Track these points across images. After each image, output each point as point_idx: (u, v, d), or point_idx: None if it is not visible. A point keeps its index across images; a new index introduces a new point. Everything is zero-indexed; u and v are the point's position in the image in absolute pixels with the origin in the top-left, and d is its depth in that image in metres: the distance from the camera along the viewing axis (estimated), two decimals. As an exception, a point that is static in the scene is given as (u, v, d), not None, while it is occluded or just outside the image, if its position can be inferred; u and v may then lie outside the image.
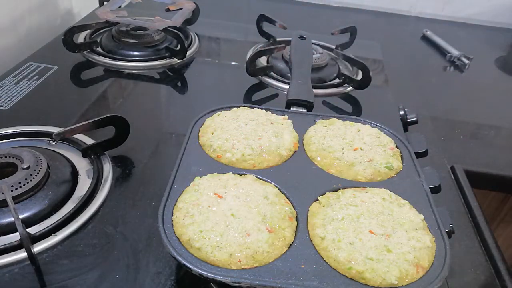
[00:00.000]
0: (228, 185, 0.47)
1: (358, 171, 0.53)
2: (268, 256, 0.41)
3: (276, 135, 0.56)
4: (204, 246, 0.41)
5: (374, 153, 0.55)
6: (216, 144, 0.55)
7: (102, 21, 0.92)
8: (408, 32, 1.29)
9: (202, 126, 0.60)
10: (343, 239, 0.42)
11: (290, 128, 0.59)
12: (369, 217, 0.45)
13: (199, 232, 0.42)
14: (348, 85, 0.87)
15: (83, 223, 0.51)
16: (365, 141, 0.57)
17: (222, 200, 0.45)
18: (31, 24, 0.98)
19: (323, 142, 0.57)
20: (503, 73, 1.15)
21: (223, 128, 0.57)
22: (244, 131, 0.56)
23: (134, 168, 0.62)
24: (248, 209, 0.44)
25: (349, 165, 0.54)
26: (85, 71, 0.86)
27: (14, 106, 0.72)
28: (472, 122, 0.89)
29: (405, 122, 0.77)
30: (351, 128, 0.60)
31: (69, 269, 0.46)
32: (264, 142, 0.55)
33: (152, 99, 0.83)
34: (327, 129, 0.59)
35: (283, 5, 1.34)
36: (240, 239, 0.41)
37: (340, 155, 0.55)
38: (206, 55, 0.98)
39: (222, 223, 0.42)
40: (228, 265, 0.40)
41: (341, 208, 0.46)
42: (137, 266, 0.47)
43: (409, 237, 0.43)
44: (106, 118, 0.59)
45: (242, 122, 0.58)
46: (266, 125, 0.58)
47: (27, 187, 0.51)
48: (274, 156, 0.54)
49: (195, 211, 0.44)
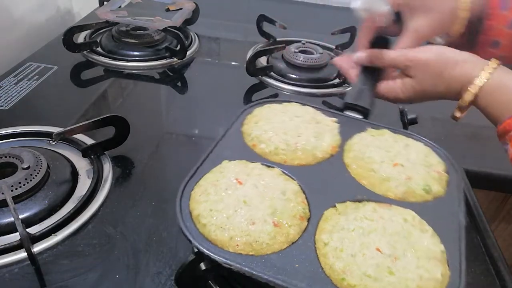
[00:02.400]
0: (251, 174, 0.47)
1: (390, 187, 0.49)
2: (267, 248, 0.41)
3: (317, 135, 0.54)
4: (209, 224, 0.42)
5: (415, 172, 0.50)
6: (254, 133, 0.54)
7: (102, 21, 0.92)
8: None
9: (250, 114, 0.59)
10: (345, 250, 0.41)
11: (334, 131, 0.57)
12: (381, 234, 0.42)
13: (209, 210, 0.43)
14: (348, 85, 0.87)
15: (83, 223, 0.51)
16: (409, 158, 0.52)
17: (240, 186, 0.45)
18: (31, 24, 0.98)
19: (365, 151, 0.53)
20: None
21: (267, 120, 0.56)
22: (286, 126, 0.55)
23: (134, 168, 0.62)
24: (262, 199, 0.44)
25: (383, 179, 0.50)
26: (85, 71, 0.86)
27: (14, 106, 0.72)
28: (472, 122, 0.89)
29: (405, 122, 0.77)
30: (400, 142, 0.55)
31: (69, 269, 0.46)
32: (302, 140, 0.53)
33: (152, 99, 0.83)
34: (374, 139, 0.55)
35: (283, 5, 1.34)
36: (244, 226, 0.41)
37: (377, 167, 0.51)
38: (206, 55, 0.98)
39: (232, 207, 0.43)
40: (226, 247, 0.41)
41: (356, 219, 0.44)
42: (137, 266, 0.47)
43: (418, 265, 0.40)
44: (106, 118, 0.60)
45: (287, 117, 0.57)
46: (310, 123, 0.56)
47: (27, 187, 0.51)
48: (308, 155, 0.53)
49: (212, 190, 0.45)
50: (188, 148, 0.70)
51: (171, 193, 0.58)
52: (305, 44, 0.93)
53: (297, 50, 0.90)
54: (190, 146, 0.70)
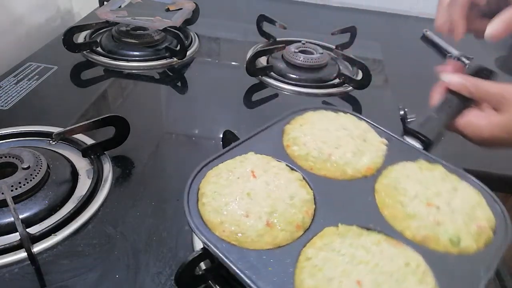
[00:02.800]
0: (269, 171, 0.47)
1: (411, 226, 0.43)
2: (250, 243, 0.41)
3: (356, 152, 0.50)
4: (208, 203, 0.43)
5: (449, 219, 0.42)
6: (293, 134, 0.53)
7: (102, 21, 0.92)
8: (408, 32, 1.29)
9: (299, 116, 0.57)
10: (324, 271, 0.37)
11: (378, 153, 0.52)
12: (371, 269, 0.37)
13: (213, 192, 0.44)
14: (348, 85, 0.87)
15: (83, 223, 0.51)
16: (451, 202, 0.44)
17: (252, 179, 0.45)
18: (31, 24, 0.98)
19: (401, 181, 0.47)
20: (503, 73, 1.15)
21: (312, 124, 0.54)
22: (328, 135, 0.52)
23: (134, 168, 0.62)
24: (266, 197, 0.44)
25: (407, 215, 0.43)
26: (85, 71, 0.86)
27: (14, 106, 0.72)
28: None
29: (405, 122, 0.77)
30: (448, 183, 0.47)
31: (69, 269, 0.46)
32: (337, 152, 0.50)
33: (152, 99, 0.83)
34: (419, 171, 0.48)
35: (283, 5, 1.34)
36: (237, 215, 0.42)
37: (406, 201, 0.44)
38: (206, 55, 0.98)
39: (235, 195, 0.44)
40: (214, 229, 0.41)
41: (351, 246, 0.40)
42: (137, 266, 0.47)
43: None
44: (106, 118, 0.60)
45: (334, 127, 0.54)
46: (356, 139, 0.52)
47: (27, 187, 0.51)
48: (337, 169, 0.49)
49: (225, 175, 0.46)
50: (188, 148, 0.70)
51: (171, 193, 0.58)
52: (305, 44, 0.93)
53: (297, 50, 0.90)
54: (190, 146, 0.70)
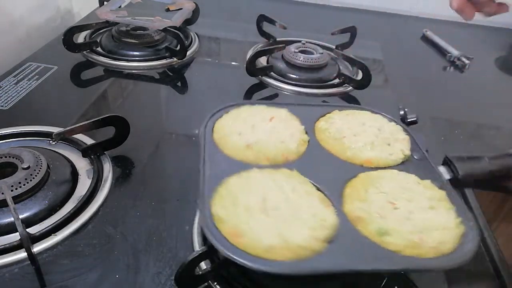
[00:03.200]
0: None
1: (355, 206, 0.47)
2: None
3: (368, 145, 0.55)
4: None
5: (396, 220, 0.45)
6: (337, 120, 0.59)
7: (102, 21, 0.92)
8: (408, 32, 1.29)
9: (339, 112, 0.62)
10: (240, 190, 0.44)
11: (389, 156, 0.54)
12: (280, 196, 0.45)
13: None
14: (348, 85, 0.87)
15: (83, 223, 0.51)
16: (415, 213, 0.45)
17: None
18: (31, 24, 0.98)
19: (385, 177, 0.50)
20: (503, 73, 1.15)
21: (354, 116, 0.60)
22: (359, 127, 0.57)
23: (134, 168, 0.62)
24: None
25: (362, 199, 0.47)
26: (85, 71, 0.86)
27: (14, 106, 0.72)
28: (472, 122, 0.89)
29: (405, 122, 0.77)
30: (431, 202, 0.47)
31: (69, 269, 0.46)
32: (352, 138, 0.56)
33: (152, 99, 0.83)
34: (412, 183, 0.50)
35: (283, 5, 1.34)
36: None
37: (374, 191, 0.48)
38: (206, 55, 0.98)
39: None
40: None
41: (275, 181, 0.47)
42: (137, 266, 0.47)
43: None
44: (106, 118, 0.60)
45: (370, 123, 0.59)
46: (380, 139, 0.56)
47: (27, 187, 0.51)
48: (339, 147, 0.56)
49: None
50: (188, 148, 0.70)
51: (171, 193, 0.58)
52: (305, 44, 0.93)
53: (297, 50, 0.90)
54: (190, 146, 0.70)
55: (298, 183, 0.47)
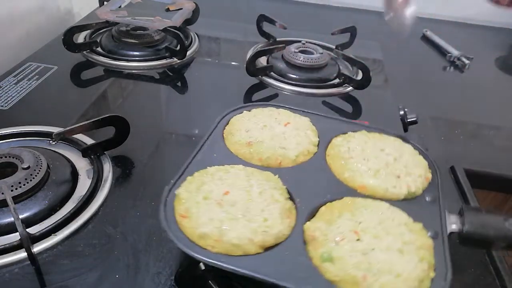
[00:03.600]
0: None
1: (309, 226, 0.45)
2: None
3: (372, 171, 0.51)
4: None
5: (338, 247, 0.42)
6: (346, 146, 0.55)
7: (102, 21, 0.92)
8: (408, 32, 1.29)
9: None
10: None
11: (390, 188, 0.50)
12: (237, 186, 0.47)
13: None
14: (348, 85, 0.87)
15: (83, 223, 0.51)
16: (379, 244, 0.42)
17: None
18: (31, 24, 0.98)
19: (362, 211, 0.46)
20: (503, 73, 1.15)
21: (375, 141, 0.57)
22: (375, 151, 0.54)
23: (134, 168, 0.62)
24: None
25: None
26: (85, 71, 0.86)
27: (14, 106, 0.72)
28: (472, 122, 0.89)
29: (405, 122, 0.77)
30: (395, 237, 0.43)
31: (69, 269, 0.46)
32: (361, 161, 0.53)
33: (152, 99, 0.83)
34: (387, 217, 0.45)
35: (283, 5, 1.34)
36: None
37: (335, 220, 0.46)
38: (206, 55, 0.98)
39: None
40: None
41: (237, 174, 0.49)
42: (137, 266, 0.47)
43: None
44: (106, 118, 0.59)
45: (388, 151, 0.54)
46: (391, 168, 0.52)
47: (27, 187, 0.51)
48: (340, 166, 0.54)
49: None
50: (188, 148, 0.69)
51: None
52: (305, 44, 0.93)
53: (297, 50, 0.90)
54: (190, 146, 0.70)
55: (270, 188, 0.47)
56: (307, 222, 0.45)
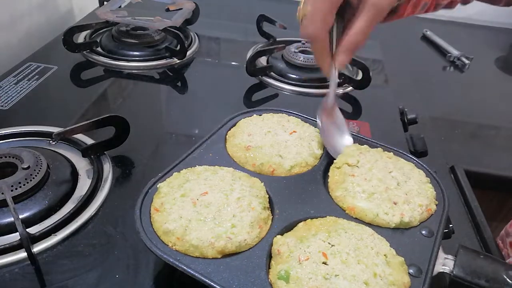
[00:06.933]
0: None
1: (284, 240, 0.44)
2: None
3: (371, 196, 0.48)
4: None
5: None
6: (352, 162, 0.52)
7: (102, 21, 0.92)
8: (408, 32, 1.29)
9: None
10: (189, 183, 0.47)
11: (382, 213, 0.46)
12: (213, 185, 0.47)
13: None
14: (348, 85, 0.87)
15: (83, 223, 0.51)
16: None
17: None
18: (31, 24, 0.98)
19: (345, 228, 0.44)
20: (503, 73, 1.15)
21: (376, 165, 0.52)
22: (380, 176, 0.50)
23: (134, 168, 0.62)
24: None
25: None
26: (85, 71, 0.86)
27: (14, 106, 0.72)
28: (472, 122, 0.89)
29: (405, 122, 0.77)
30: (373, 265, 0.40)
31: (69, 269, 0.46)
32: (370, 189, 0.49)
33: (152, 99, 0.83)
34: (363, 241, 0.42)
35: (283, 5, 1.33)
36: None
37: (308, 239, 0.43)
38: (206, 55, 0.98)
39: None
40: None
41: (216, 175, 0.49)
42: (137, 266, 0.47)
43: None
44: (106, 118, 0.59)
45: (392, 176, 0.51)
46: (395, 192, 0.49)
47: (27, 187, 0.51)
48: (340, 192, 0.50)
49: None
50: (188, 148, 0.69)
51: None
52: (305, 44, 0.93)
53: (297, 50, 0.90)
54: (190, 146, 0.70)
55: (251, 195, 0.46)
56: (278, 236, 0.43)
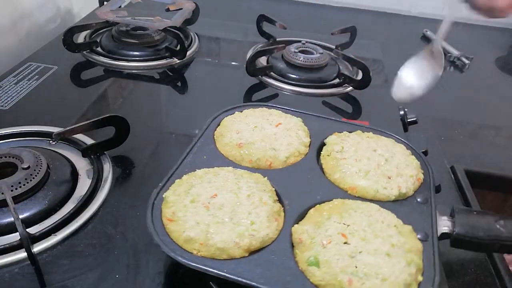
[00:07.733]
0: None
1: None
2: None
3: (362, 171, 0.51)
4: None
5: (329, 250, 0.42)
6: (339, 146, 0.55)
7: (102, 21, 0.92)
8: (408, 32, 1.29)
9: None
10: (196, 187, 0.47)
11: (381, 189, 0.49)
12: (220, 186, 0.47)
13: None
14: (348, 85, 0.87)
15: (83, 223, 0.51)
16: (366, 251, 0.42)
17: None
18: (31, 24, 0.98)
19: (352, 213, 0.46)
20: (503, 73, 1.15)
21: (368, 145, 0.55)
22: (368, 153, 0.53)
23: (134, 168, 0.62)
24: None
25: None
26: (85, 71, 0.86)
27: (14, 106, 0.72)
28: (472, 122, 0.89)
29: (405, 122, 0.77)
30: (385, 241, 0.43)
31: (69, 269, 0.46)
32: (358, 164, 0.52)
33: (152, 99, 0.83)
34: (375, 222, 0.44)
35: (283, 5, 1.34)
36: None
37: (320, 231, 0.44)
38: (206, 55, 0.98)
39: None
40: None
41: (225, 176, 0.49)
42: (137, 266, 0.47)
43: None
44: (106, 118, 0.59)
45: (388, 155, 0.53)
46: (383, 170, 0.51)
47: (27, 187, 0.51)
48: (336, 172, 0.53)
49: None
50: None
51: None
52: (305, 44, 0.93)
53: (297, 50, 0.90)
54: (190, 146, 0.70)
55: (259, 190, 0.46)
56: (295, 225, 0.44)
